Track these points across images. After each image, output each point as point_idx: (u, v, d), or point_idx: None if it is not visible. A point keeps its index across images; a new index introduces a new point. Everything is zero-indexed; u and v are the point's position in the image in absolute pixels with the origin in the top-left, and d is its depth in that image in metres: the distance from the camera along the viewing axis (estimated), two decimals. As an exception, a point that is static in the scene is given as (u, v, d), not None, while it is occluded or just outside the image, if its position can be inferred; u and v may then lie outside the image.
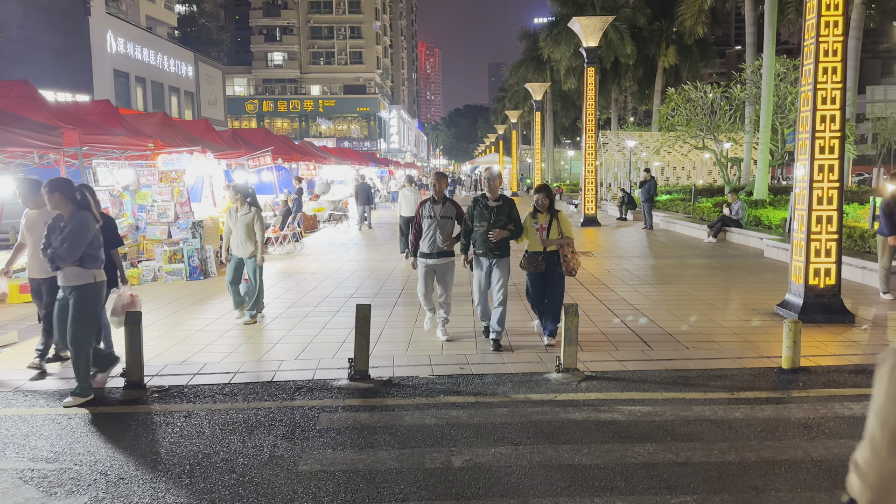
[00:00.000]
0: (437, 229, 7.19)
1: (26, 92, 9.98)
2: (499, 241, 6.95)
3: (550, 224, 7.03)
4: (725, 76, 53.41)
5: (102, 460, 4.51)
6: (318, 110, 78.09)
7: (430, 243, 7.19)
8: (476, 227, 7.03)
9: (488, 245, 6.98)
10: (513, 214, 7.04)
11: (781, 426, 5.00)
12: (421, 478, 4.21)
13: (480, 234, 6.98)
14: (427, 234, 7.23)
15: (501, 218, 6.95)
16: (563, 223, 7.08)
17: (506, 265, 7.09)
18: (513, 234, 7.00)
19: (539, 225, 7.04)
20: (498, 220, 6.93)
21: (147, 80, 36.90)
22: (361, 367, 6.15)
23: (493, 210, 6.97)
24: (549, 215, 7.08)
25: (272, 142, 19.98)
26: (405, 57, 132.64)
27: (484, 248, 7.01)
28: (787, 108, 24.50)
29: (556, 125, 57.84)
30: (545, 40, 43.14)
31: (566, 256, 7.12)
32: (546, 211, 7.10)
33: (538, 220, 7.08)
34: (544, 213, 7.09)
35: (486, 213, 6.98)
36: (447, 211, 7.24)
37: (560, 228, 7.05)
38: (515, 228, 7.04)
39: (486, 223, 6.93)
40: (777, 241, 14.06)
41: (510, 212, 7.02)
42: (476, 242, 7.09)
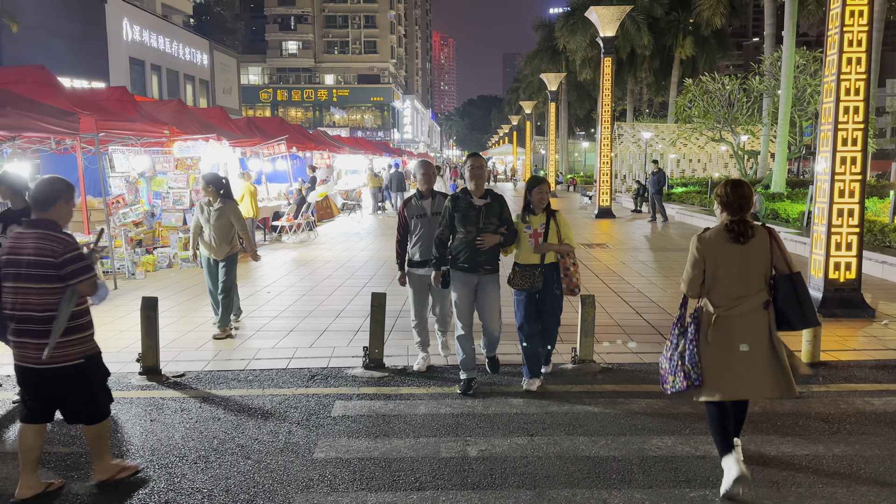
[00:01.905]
0: (432, 230, 5.79)
1: (43, 78, 10.00)
2: (489, 250, 5.35)
3: (548, 227, 5.44)
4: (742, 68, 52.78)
5: (118, 445, 4.52)
6: (332, 100, 78.12)
7: (424, 249, 5.86)
8: (459, 234, 5.35)
9: (476, 257, 5.30)
10: (504, 215, 5.42)
11: (802, 421, 4.94)
12: (437, 467, 4.19)
13: (465, 242, 5.30)
14: (417, 238, 5.91)
15: (492, 221, 5.32)
16: (563, 226, 5.50)
17: (497, 284, 5.49)
18: (506, 239, 5.43)
19: (532, 230, 5.44)
20: (488, 224, 5.30)
21: (162, 67, 37.02)
22: (376, 355, 6.14)
23: (481, 210, 5.30)
24: (545, 216, 5.48)
25: (286, 130, 19.97)
26: (419, 47, 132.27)
27: (470, 261, 5.31)
28: (805, 100, 24.21)
29: (571, 116, 57.51)
30: (561, 30, 42.84)
31: (568, 270, 5.58)
32: (542, 211, 5.51)
33: (531, 222, 5.47)
34: (539, 214, 5.49)
35: (471, 215, 5.29)
36: (441, 206, 5.72)
37: (560, 233, 5.47)
38: (509, 233, 5.43)
39: (474, 227, 5.27)
40: (795, 234, 13.91)
41: (501, 212, 5.40)
42: (457, 254, 5.39)
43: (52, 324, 3.68)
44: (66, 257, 3.68)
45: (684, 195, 24.79)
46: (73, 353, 3.76)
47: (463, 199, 5.36)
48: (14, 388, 5.59)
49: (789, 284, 3.82)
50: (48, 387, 3.78)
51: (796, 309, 3.84)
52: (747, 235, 3.80)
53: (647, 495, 3.85)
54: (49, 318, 3.69)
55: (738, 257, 3.81)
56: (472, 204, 5.34)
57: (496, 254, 5.46)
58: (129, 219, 11.24)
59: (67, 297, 3.71)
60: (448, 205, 5.41)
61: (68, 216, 3.89)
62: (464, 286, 5.40)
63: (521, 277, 5.45)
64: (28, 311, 3.69)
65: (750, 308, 3.81)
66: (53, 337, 3.66)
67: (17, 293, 3.70)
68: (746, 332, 3.78)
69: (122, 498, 3.83)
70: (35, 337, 3.69)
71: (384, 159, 38.21)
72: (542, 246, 5.41)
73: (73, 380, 3.80)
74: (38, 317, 3.69)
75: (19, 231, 3.81)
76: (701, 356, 3.85)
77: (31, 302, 3.68)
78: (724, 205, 3.88)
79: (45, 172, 12.67)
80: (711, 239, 3.86)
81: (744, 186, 3.88)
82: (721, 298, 3.83)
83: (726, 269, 3.82)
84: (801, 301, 3.83)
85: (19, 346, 3.76)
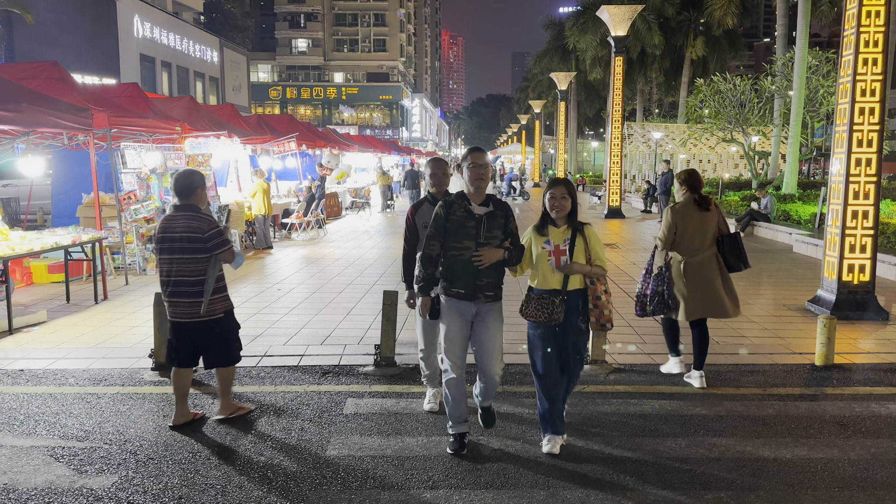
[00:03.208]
0: None
1: (56, 73, 10.02)
2: (492, 271, 4.22)
3: (573, 243, 4.26)
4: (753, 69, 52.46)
5: (132, 440, 4.53)
6: (341, 98, 78.22)
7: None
8: (452, 250, 4.18)
9: (475, 280, 4.17)
10: (510, 227, 4.25)
11: (816, 424, 4.90)
12: (449, 466, 4.18)
13: (461, 260, 4.16)
14: None
15: (495, 235, 4.18)
16: (592, 243, 4.32)
17: (501, 314, 4.37)
18: (511, 257, 4.23)
19: (553, 246, 4.27)
20: (490, 239, 4.17)
21: (173, 64, 37.16)
22: (388, 353, 6.13)
23: (482, 221, 4.16)
24: (569, 229, 4.30)
25: (297, 128, 19.98)
26: (428, 45, 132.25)
27: (467, 284, 4.17)
28: (818, 101, 24.07)
29: (580, 116, 57.38)
30: (571, 29, 42.71)
31: (598, 299, 4.33)
32: (566, 221, 4.32)
33: (551, 236, 4.29)
34: (562, 226, 4.30)
35: (469, 227, 4.15)
36: None
37: (589, 251, 4.30)
38: (514, 249, 4.25)
39: (472, 242, 4.14)
40: (807, 236, 13.83)
41: (506, 224, 4.23)
42: (450, 275, 4.22)
43: (201, 286, 4.64)
44: (210, 233, 4.64)
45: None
46: (217, 308, 4.74)
47: (459, 206, 4.20)
48: (27, 381, 5.62)
49: (731, 240, 5.58)
50: (196, 337, 4.72)
51: (736, 256, 5.55)
52: (708, 207, 5.53)
53: (661, 498, 3.82)
54: (198, 282, 4.64)
55: (700, 222, 5.52)
56: (471, 212, 4.17)
57: (500, 275, 4.29)
58: (141, 215, 11.27)
59: (213, 264, 4.69)
60: (439, 212, 4.23)
61: (204, 200, 4.85)
62: (458, 316, 4.23)
63: (538, 306, 4.24)
64: (182, 276, 4.63)
65: (706, 257, 5.49)
66: (206, 296, 4.63)
67: (172, 263, 4.64)
68: (704, 272, 5.26)
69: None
70: (187, 297, 4.64)
71: (393, 157, 38.22)
72: (566, 267, 4.24)
73: (216, 330, 4.74)
74: (190, 280, 4.63)
75: (169, 214, 4.76)
76: (673, 290, 5.56)
77: (184, 269, 4.63)
78: (689, 186, 5.61)
79: (57, 168, 12.73)
80: (681, 210, 5.55)
81: (697, 173, 5.72)
82: (687, 250, 5.50)
83: (692, 230, 5.51)
84: (739, 252, 5.56)
85: (174, 304, 4.68)
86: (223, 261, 4.73)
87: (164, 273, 4.69)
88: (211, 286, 4.67)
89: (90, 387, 5.55)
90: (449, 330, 4.26)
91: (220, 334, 4.78)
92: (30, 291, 9.29)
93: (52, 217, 13.03)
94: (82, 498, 3.76)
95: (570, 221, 4.33)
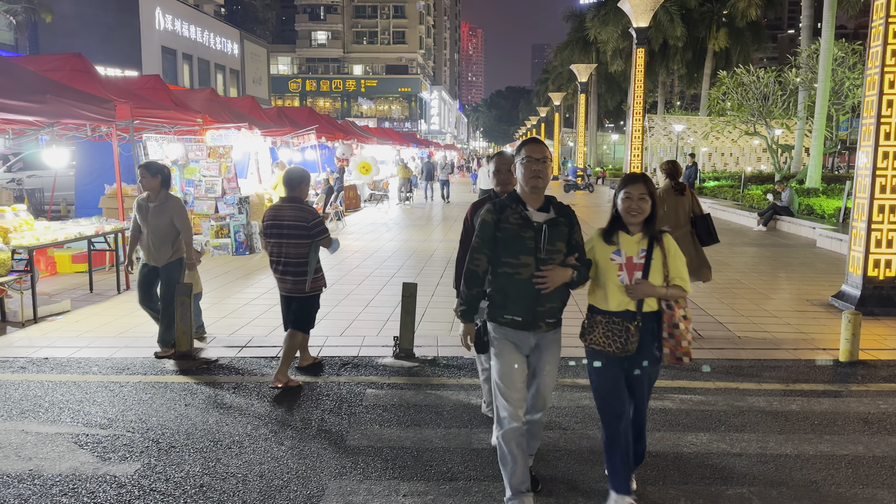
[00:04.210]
0: None
1: (80, 65, 10.12)
2: (556, 294, 3.41)
3: (650, 257, 3.44)
4: (777, 61, 51.80)
5: (154, 428, 4.58)
6: (360, 90, 78.27)
7: None
8: (504, 267, 3.38)
9: (536, 305, 3.37)
10: (575, 238, 3.44)
11: (840, 420, 4.83)
12: (469, 458, 4.18)
13: (517, 280, 3.36)
14: None
15: (558, 248, 3.37)
16: (672, 256, 3.48)
17: (560, 341, 3.56)
18: (578, 277, 3.42)
19: (625, 258, 3.44)
20: (552, 253, 3.36)
21: (194, 57, 37.39)
22: (406, 345, 6.14)
23: (542, 231, 3.34)
24: (645, 238, 3.47)
25: (316, 120, 20.07)
26: (448, 37, 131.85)
27: (525, 309, 3.38)
28: (843, 93, 23.69)
29: (600, 108, 56.96)
30: (592, 21, 42.38)
31: (675, 326, 3.47)
32: (641, 228, 3.48)
33: (622, 246, 3.46)
34: (636, 235, 3.47)
35: (526, 238, 3.34)
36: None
37: (667, 266, 3.46)
38: (582, 266, 3.44)
39: (531, 258, 3.34)
40: (831, 230, 13.63)
41: (571, 233, 3.43)
42: (502, 297, 3.42)
43: (304, 266, 5.33)
44: (314, 222, 5.31)
45: (717, 189, 24.43)
46: (315, 286, 5.47)
47: (512, 212, 3.37)
48: (52, 369, 5.70)
49: (703, 220, 6.73)
50: (293, 306, 5.47)
51: (707, 233, 6.72)
52: (682, 191, 6.71)
53: (683, 492, 3.80)
54: (302, 263, 5.33)
55: (675, 203, 6.72)
56: (528, 220, 3.35)
57: (565, 299, 3.50)
58: (162, 206, 11.37)
59: (314, 249, 5.36)
60: (487, 217, 3.40)
61: (307, 194, 5.51)
62: (515, 350, 3.43)
63: (607, 332, 3.43)
64: (288, 258, 5.33)
65: (682, 234, 6.56)
66: (309, 275, 5.36)
67: (280, 246, 5.33)
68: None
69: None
70: (293, 275, 5.36)
71: (411, 150, 38.23)
72: (641, 288, 3.40)
73: (307, 303, 5.49)
74: (295, 262, 5.33)
75: (276, 204, 5.41)
76: None
77: (290, 252, 5.31)
78: (668, 175, 6.83)
79: (80, 159, 12.87)
80: (661, 194, 6.47)
81: (677, 164, 6.92)
82: (667, 227, 5.97)
83: (671, 210, 6.66)
84: (709, 229, 6.74)
85: (282, 281, 5.42)
86: (322, 246, 5.40)
87: (274, 255, 5.40)
88: (313, 267, 5.37)
89: (113, 375, 5.61)
90: (504, 368, 3.41)
91: (307, 305, 5.51)
92: (54, 281, 9.42)
93: (76, 208, 13.19)
94: (106, 485, 3.81)
95: (646, 228, 3.47)
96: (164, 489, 3.77)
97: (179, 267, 6.20)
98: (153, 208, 6.06)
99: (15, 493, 3.72)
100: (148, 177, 6.02)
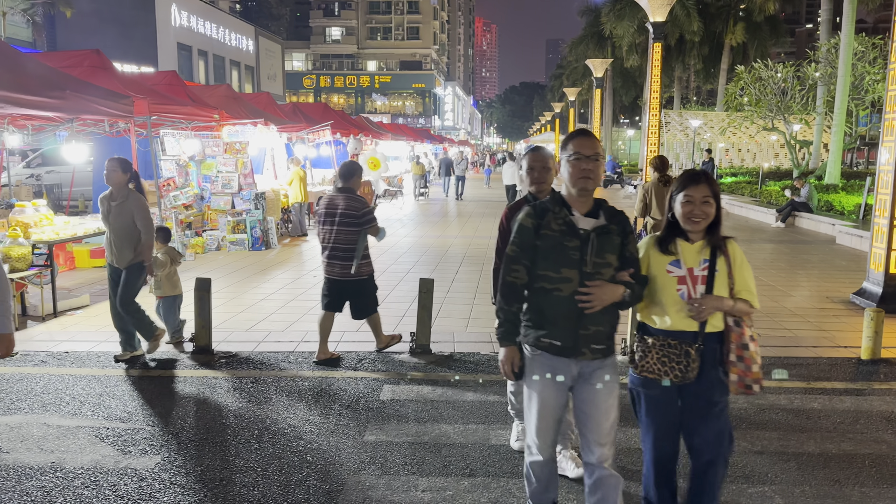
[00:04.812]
0: None
1: (98, 62, 10.18)
2: (605, 315, 2.88)
3: (713, 268, 2.93)
4: (795, 55, 51.19)
5: (174, 422, 4.60)
6: (374, 86, 78.36)
7: None
8: (544, 280, 2.87)
9: (579, 327, 2.84)
10: (629, 250, 2.91)
11: (863, 418, 4.77)
12: (487, 454, 4.17)
13: (557, 297, 2.84)
14: None
15: (607, 260, 2.85)
16: (738, 267, 2.97)
17: (616, 375, 2.97)
18: (633, 295, 2.90)
19: (685, 270, 2.95)
20: (601, 266, 2.83)
21: (209, 53, 37.58)
22: (423, 341, 6.14)
23: (590, 240, 2.83)
24: (707, 246, 2.97)
25: (331, 116, 20.07)
26: (462, 33, 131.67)
27: (566, 332, 2.85)
28: (864, 88, 23.39)
29: (616, 103, 56.64)
30: (607, 15, 42.09)
31: (744, 347, 2.91)
32: (703, 236, 2.98)
33: (682, 256, 2.97)
34: (698, 243, 2.98)
35: (570, 248, 2.82)
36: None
37: (732, 278, 2.95)
38: (637, 283, 2.93)
39: (576, 271, 2.82)
40: (851, 227, 13.48)
41: (624, 243, 2.89)
42: (539, 317, 2.91)
43: (351, 252, 5.65)
44: (364, 211, 5.66)
45: (734, 185, 24.23)
46: (363, 271, 5.79)
47: (555, 217, 2.86)
48: (72, 363, 5.75)
49: None
50: (343, 291, 5.81)
51: None
52: (668, 183, 7.05)
53: (704, 490, 3.76)
54: (350, 249, 5.66)
55: (663, 194, 7.19)
56: (573, 227, 2.84)
57: (615, 321, 2.94)
58: (180, 201, 11.45)
59: (362, 236, 5.69)
60: (526, 222, 2.90)
61: (359, 185, 5.84)
62: (551, 379, 2.91)
63: (663, 358, 2.91)
64: (338, 244, 5.66)
65: None
66: (356, 260, 5.65)
67: (332, 233, 5.67)
68: None
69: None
70: (341, 260, 5.68)
71: (425, 146, 38.22)
72: (710, 302, 2.88)
73: (362, 288, 5.84)
74: (343, 247, 5.66)
75: (331, 193, 5.77)
76: None
77: (340, 238, 5.65)
78: (657, 169, 7.55)
79: (98, 155, 12.97)
80: (650, 186, 7.59)
81: (665, 159, 7.71)
82: (656, 215, 7.44)
83: (658, 200, 7.45)
84: None
85: (330, 265, 5.74)
86: (371, 234, 5.73)
87: (324, 240, 5.72)
88: (360, 253, 5.68)
89: (132, 369, 5.65)
90: (541, 401, 2.92)
91: (364, 292, 5.87)
92: (72, 276, 9.50)
93: (93, 203, 13.30)
94: (127, 478, 3.84)
95: (709, 236, 2.96)
96: (184, 482, 3.79)
97: (140, 271, 5.81)
98: (115, 206, 5.72)
99: (38, 485, 3.75)
100: (118, 171, 5.69)
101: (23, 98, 6.95)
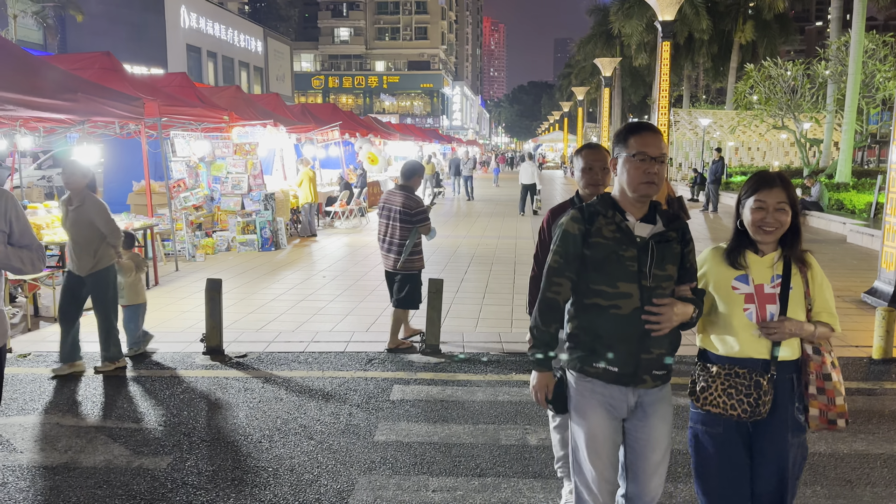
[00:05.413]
0: None
1: (109, 64, 10.25)
2: (668, 339, 2.48)
3: (787, 284, 2.50)
4: (804, 53, 51.02)
5: (185, 422, 4.63)
6: (382, 86, 78.51)
7: None
8: (598, 296, 2.45)
9: (639, 349, 2.44)
10: (689, 260, 2.52)
11: (875, 418, 4.75)
12: (497, 454, 4.17)
13: (614, 316, 2.43)
14: None
15: (667, 272, 2.46)
16: (817, 284, 2.56)
17: (671, 402, 2.63)
18: (701, 311, 2.54)
19: (752, 286, 2.52)
20: (662, 280, 2.44)
21: (218, 54, 37.73)
22: (433, 341, 6.16)
23: (650, 248, 2.42)
24: (780, 260, 2.53)
25: (339, 117, 20.12)
26: (470, 32, 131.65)
27: (626, 357, 2.44)
28: (874, 86, 23.24)
29: (624, 102, 56.46)
30: (616, 14, 41.99)
31: (827, 377, 2.50)
32: (777, 247, 2.55)
33: (750, 270, 2.53)
34: (770, 255, 2.54)
35: (626, 257, 2.41)
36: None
37: (809, 298, 2.53)
38: (697, 297, 2.52)
39: (634, 284, 2.41)
40: (862, 225, 13.40)
41: (685, 254, 2.51)
42: (591, 339, 2.49)
43: (402, 247, 6.03)
44: (417, 210, 6.03)
45: (744, 183, 24.12)
46: (412, 266, 6.15)
47: (607, 222, 2.47)
48: (84, 364, 5.79)
49: (677, 201, 7.08)
50: (392, 282, 6.23)
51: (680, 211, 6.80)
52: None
53: (714, 490, 3.75)
54: (401, 244, 6.03)
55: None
56: (628, 233, 2.45)
57: (676, 343, 2.54)
58: (190, 202, 11.51)
59: (413, 233, 6.05)
60: (571, 228, 2.49)
61: (419, 185, 6.25)
62: (605, 412, 2.52)
63: (730, 389, 2.48)
64: (393, 238, 6.07)
65: None
66: (404, 255, 6.04)
67: (388, 228, 6.09)
68: None
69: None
70: (395, 254, 6.08)
71: (433, 146, 38.23)
72: (787, 325, 2.46)
73: (407, 280, 6.14)
74: (398, 242, 6.04)
75: (392, 190, 6.20)
76: None
77: (395, 234, 6.05)
78: None
79: (109, 157, 13.06)
80: None
81: None
82: None
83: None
84: (683, 208, 6.97)
85: (386, 258, 6.17)
86: (422, 232, 6.08)
87: (382, 234, 6.15)
88: (409, 249, 6.03)
89: (143, 369, 5.69)
90: (592, 435, 2.50)
91: (404, 285, 6.13)
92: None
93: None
94: (139, 477, 3.87)
95: (783, 248, 2.54)
96: (196, 482, 3.81)
97: (107, 276, 5.56)
98: (72, 211, 5.47)
99: (51, 485, 3.79)
100: (77, 175, 5.44)
101: (35, 101, 7.01)
